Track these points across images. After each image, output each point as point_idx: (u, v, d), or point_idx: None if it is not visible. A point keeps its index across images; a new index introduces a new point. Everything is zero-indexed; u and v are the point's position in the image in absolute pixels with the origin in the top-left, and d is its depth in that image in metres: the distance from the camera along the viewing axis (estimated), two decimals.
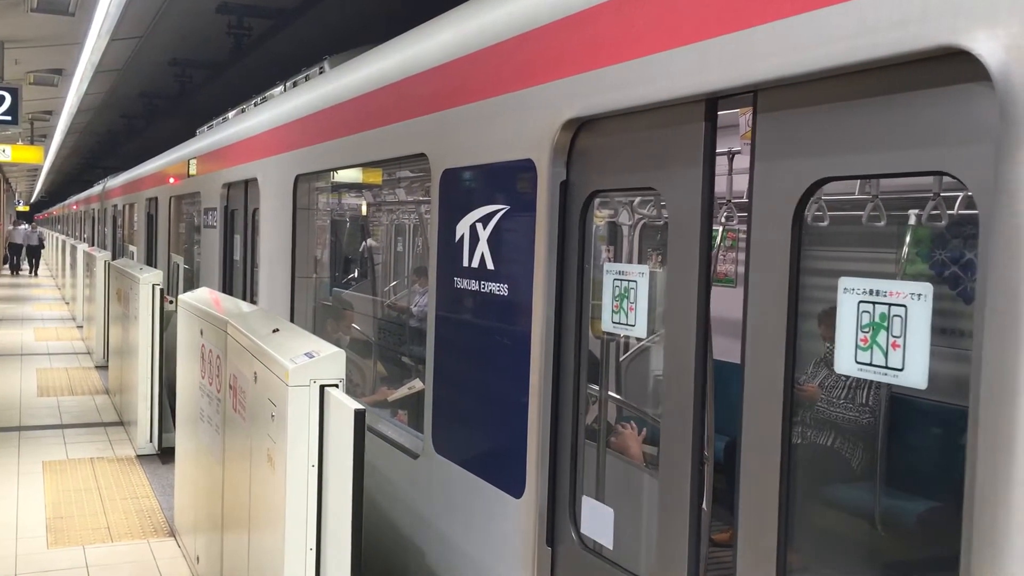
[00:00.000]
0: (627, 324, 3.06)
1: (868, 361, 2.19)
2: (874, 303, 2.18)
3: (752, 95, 2.46)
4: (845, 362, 2.25)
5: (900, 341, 2.12)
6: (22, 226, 34.82)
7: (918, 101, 2.03)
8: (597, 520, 3.17)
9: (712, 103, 2.63)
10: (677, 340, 2.73)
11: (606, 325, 3.15)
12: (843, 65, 2.12)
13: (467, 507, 3.78)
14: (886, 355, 2.15)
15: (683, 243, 2.71)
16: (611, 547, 3.11)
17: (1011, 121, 1.75)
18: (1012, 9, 1.75)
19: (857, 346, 2.21)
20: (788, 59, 2.24)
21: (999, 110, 1.78)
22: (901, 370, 2.11)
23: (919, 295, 2.10)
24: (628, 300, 3.04)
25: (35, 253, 32.92)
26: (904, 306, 2.12)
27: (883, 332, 2.15)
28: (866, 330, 2.19)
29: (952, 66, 1.93)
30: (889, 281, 2.16)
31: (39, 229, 35.77)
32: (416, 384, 5.77)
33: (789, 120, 2.37)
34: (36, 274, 32.35)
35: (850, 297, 2.24)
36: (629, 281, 3.05)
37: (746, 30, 2.37)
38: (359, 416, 3.13)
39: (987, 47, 1.79)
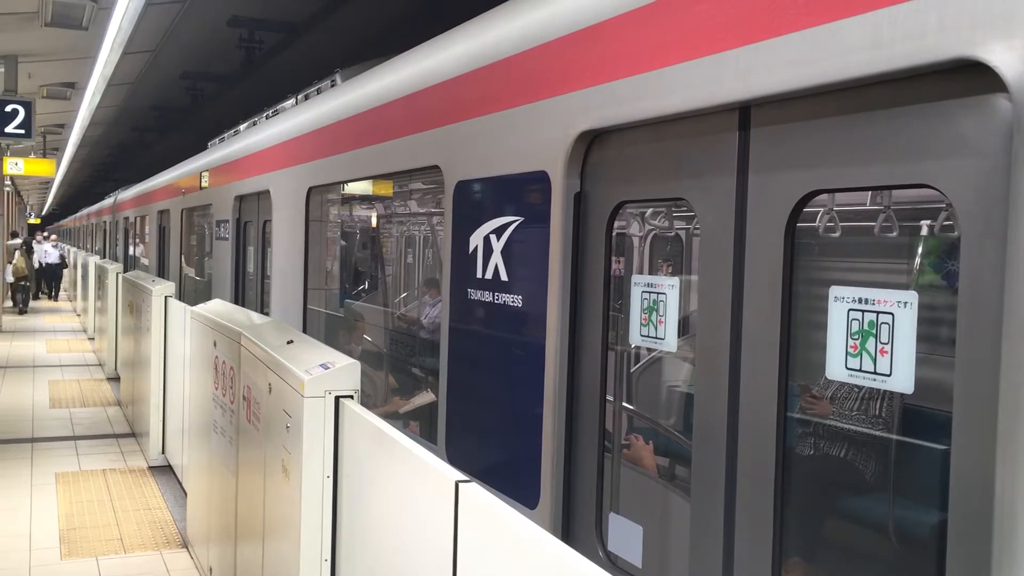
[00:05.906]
0: (656, 337, 3.00)
1: (858, 367, 2.22)
2: (863, 311, 2.22)
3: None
4: (836, 368, 2.28)
5: (888, 347, 2.15)
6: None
7: (939, 111, 2.03)
8: (625, 537, 3.14)
9: (746, 112, 2.57)
10: (709, 353, 2.68)
11: (634, 338, 3.09)
12: (858, 78, 2.13)
13: None
14: (875, 361, 2.19)
15: (715, 254, 2.66)
16: (640, 565, 3.07)
17: None
18: None
19: (847, 353, 2.25)
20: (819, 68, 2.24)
21: (1015, 121, 1.79)
22: (889, 375, 2.15)
23: (905, 303, 2.13)
24: (657, 313, 2.98)
25: (55, 273, 27.81)
26: (891, 314, 2.15)
27: (872, 339, 2.19)
28: (856, 337, 2.23)
29: (965, 78, 1.94)
30: (877, 290, 2.19)
31: (60, 244, 29.68)
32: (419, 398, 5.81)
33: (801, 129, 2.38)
34: (56, 298, 27.55)
35: (840, 305, 2.27)
36: (658, 293, 2.99)
37: (781, 36, 2.35)
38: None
39: (1004, 59, 1.79)
